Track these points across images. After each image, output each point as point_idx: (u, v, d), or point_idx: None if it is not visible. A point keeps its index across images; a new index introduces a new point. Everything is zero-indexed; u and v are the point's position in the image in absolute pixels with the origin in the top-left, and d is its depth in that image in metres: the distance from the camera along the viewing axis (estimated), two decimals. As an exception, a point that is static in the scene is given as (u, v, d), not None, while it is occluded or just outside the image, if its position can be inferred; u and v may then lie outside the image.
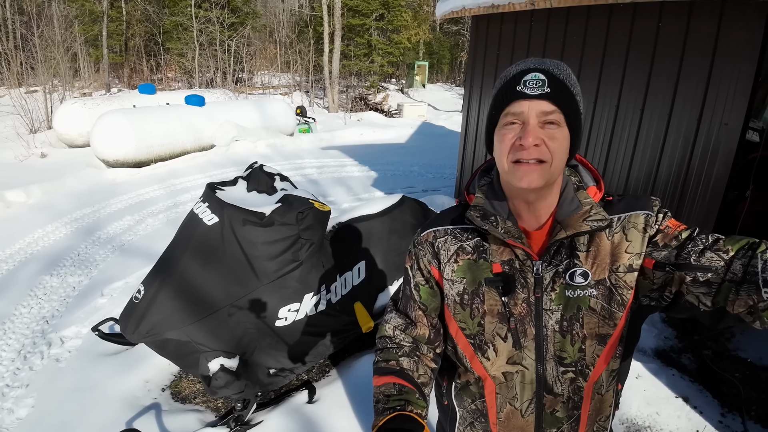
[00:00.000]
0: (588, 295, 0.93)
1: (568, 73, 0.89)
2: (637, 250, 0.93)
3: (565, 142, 0.88)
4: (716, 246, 0.85)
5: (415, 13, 23.34)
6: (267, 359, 2.40)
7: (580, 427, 1.01)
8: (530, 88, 0.85)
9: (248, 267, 2.31)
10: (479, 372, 1.02)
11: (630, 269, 0.93)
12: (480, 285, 0.97)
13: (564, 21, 4.20)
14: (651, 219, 0.93)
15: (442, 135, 12.86)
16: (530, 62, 0.89)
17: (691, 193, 3.36)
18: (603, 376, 0.98)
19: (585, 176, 1.01)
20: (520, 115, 0.86)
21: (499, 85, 0.91)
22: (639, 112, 3.60)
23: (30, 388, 2.89)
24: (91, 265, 4.47)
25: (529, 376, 0.97)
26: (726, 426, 2.67)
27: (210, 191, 2.45)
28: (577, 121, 0.90)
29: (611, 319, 0.94)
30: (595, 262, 0.93)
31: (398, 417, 0.90)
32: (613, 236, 0.93)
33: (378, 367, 1.04)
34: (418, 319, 1.07)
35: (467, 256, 0.99)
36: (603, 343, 0.95)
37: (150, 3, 20.79)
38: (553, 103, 0.85)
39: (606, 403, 1.03)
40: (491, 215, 0.96)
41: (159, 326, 2.31)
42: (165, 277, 2.35)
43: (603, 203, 0.97)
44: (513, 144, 0.87)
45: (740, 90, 2.96)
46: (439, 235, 1.03)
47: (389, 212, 3.10)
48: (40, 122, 10.38)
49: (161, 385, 2.84)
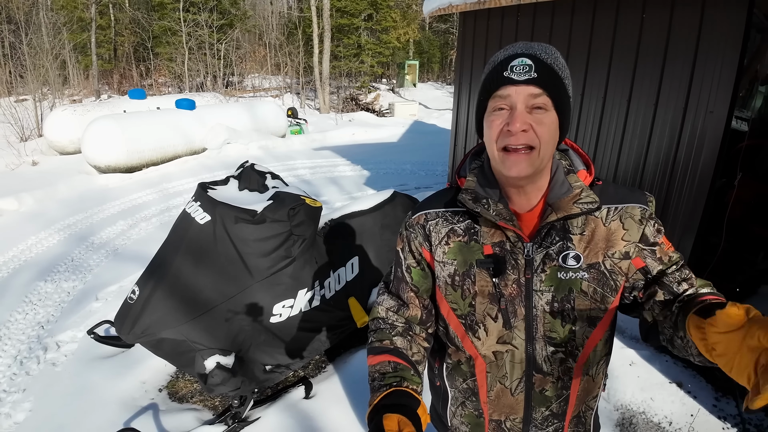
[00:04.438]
0: (580, 278, 0.94)
1: (555, 57, 0.89)
2: (633, 239, 0.95)
3: (554, 127, 0.89)
4: (690, 281, 0.94)
5: (404, 13, 23.38)
6: (263, 356, 2.41)
7: (569, 407, 1.03)
8: (517, 73, 0.86)
9: (241, 264, 2.33)
10: (470, 351, 1.03)
11: (626, 256, 0.95)
12: (471, 266, 0.99)
13: (550, 15, 4.24)
14: (646, 213, 0.96)
15: (434, 133, 12.90)
16: (518, 47, 0.89)
17: (679, 181, 3.40)
18: (592, 357, 1.00)
19: (575, 160, 1.02)
20: (507, 100, 0.86)
21: (487, 70, 0.92)
22: (626, 103, 3.64)
23: (27, 392, 2.89)
24: (85, 270, 4.46)
25: (518, 356, 0.99)
26: (720, 410, 2.71)
27: (201, 190, 2.46)
28: (566, 104, 0.90)
29: (603, 303, 0.96)
30: (588, 246, 0.95)
31: (395, 393, 0.91)
32: (610, 223, 0.95)
33: (372, 347, 1.05)
34: (410, 300, 1.08)
35: (458, 238, 1.00)
36: (593, 325, 0.97)
37: (138, 9, 20.69)
38: (540, 87, 0.86)
39: (595, 384, 1.05)
40: (483, 198, 0.97)
41: (154, 326, 2.31)
42: (159, 277, 2.35)
43: (593, 187, 0.98)
44: (501, 130, 0.87)
45: (725, 78, 3.00)
46: (431, 218, 1.03)
47: (381, 208, 3.12)
48: (31, 130, 10.32)
49: (158, 385, 2.84)
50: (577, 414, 1.06)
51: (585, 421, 1.09)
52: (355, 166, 8.67)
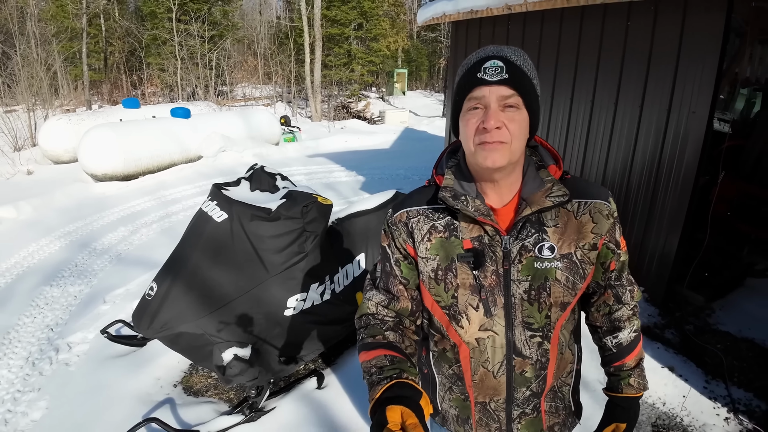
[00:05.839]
0: (554, 267, 1.01)
1: (525, 59, 0.96)
2: (601, 231, 1.04)
3: (525, 124, 0.95)
4: (633, 293, 1.17)
5: (393, 22, 23.71)
6: (277, 347, 2.52)
7: (546, 385, 1.10)
8: (490, 75, 0.91)
9: (257, 260, 2.44)
10: (454, 339, 1.09)
11: (593, 247, 1.05)
12: (453, 261, 1.04)
13: (539, 23, 4.44)
14: (611, 209, 1.06)
15: (425, 139, 13.11)
16: (489, 50, 0.95)
17: (665, 179, 3.58)
18: (561, 337, 1.08)
19: (545, 156, 1.08)
20: (481, 100, 0.93)
21: (461, 72, 0.97)
22: (613, 106, 3.83)
23: (42, 391, 2.95)
24: (90, 275, 4.52)
25: (499, 341, 1.04)
26: (711, 391, 2.87)
27: (217, 190, 2.58)
28: (535, 103, 0.97)
29: (573, 289, 1.04)
30: (561, 238, 1.02)
31: (396, 385, 0.92)
32: (580, 217, 1.03)
33: (365, 343, 1.08)
34: (400, 293, 1.13)
35: (439, 234, 1.05)
36: (563, 309, 1.04)
37: (128, 19, 20.74)
38: (512, 87, 0.92)
39: (567, 360, 1.13)
40: (461, 195, 1.02)
41: (173, 321, 2.42)
42: (177, 273, 2.46)
43: (563, 180, 1.06)
44: (477, 127, 0.93)
45: (706, 80, 3.20)
46: (412, 216, 1.08)
47: (384, 207, 3.26)
48: (24, 140, 10.32)
49: (173, 381, 2.93)
50: (552, 389, 1.13)
51: (562, 396, 1.17)
52: (350, 172, 8.81)
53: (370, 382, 0.98)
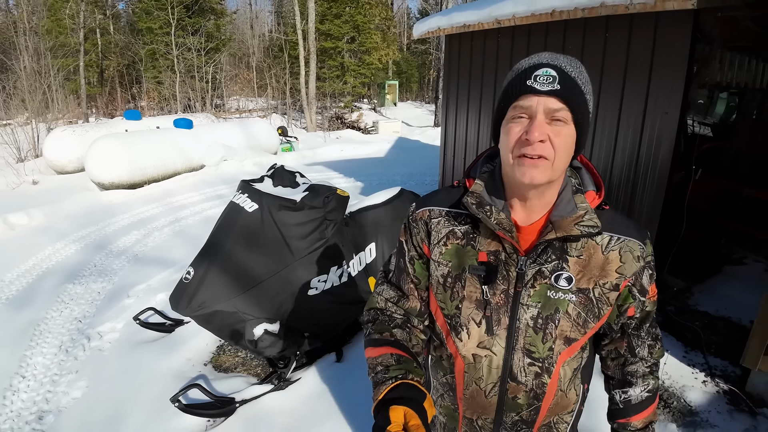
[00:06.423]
0: (567, 300, 0.96)
1: (580, 71, 0.89)
2: (627, 273, 0.97)
3: (570, 141, 0.89)
4: (652, 349, 1.09)
5: (384, 35, 24.29)
6: (302, 323, 2.82)
7: (539, 417, 1.05)
8: (540, 84, 0.85)
9: (284, 245, 2.76)
10: (451, 349, 1.06)
11: (615, 288, 0.97)
12: (464, 271, 1.00)
13: (526, 36, 4.84)
14: (644, 252, 0.98)
15: (418, 148, 13.54)
16: (543, 57, 0.89)
17: (642, 175, 3.96)
18: (564, 374, 1.02)
19: (586, 180, 1.01)
20: (528, 109, 0.87)
21: (511, 77, 0.92)
22: (594, 110, 4.22)
23: (79, 373, 3.20)
24: (110, 273, 4.78)
25: (496, 362, 1.01)
26: (689, 360, 3.22)
27: (246, 185, 2.90)
28: (585, 120, 0.89)
29: (583, 327, 0.98)
30: (582, 271, 0.95)
31: (401, 386, 0.91)
32: (609, 253, 0.96)
33: (371, 339, 1.06)
34: (410, 291, 1.10)
35: (457, 240, 1.01)
36: (568, 344, 0.99)
37: (124, 33, 21.07)
38: (562, 100, 0.85)
39: (570, 400, 1.07)
40: (487, 204, 0.97)
41: (209, 300, 2.71)
42: (213, 258, 2.77)
43: (599, 210, 0.98)
44: (519, 138, 0.87)
45: (676, 83, 3.59)
46: (434, 216, 1.05)
47: (391, 202, 3.60)
48: (26, 151, 10.53)
49: (202, 360, 3.21)
50: (547, 423, 1.08)
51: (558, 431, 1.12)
52: (348, 178, 9.16)
53: (375, 381, 0.97)
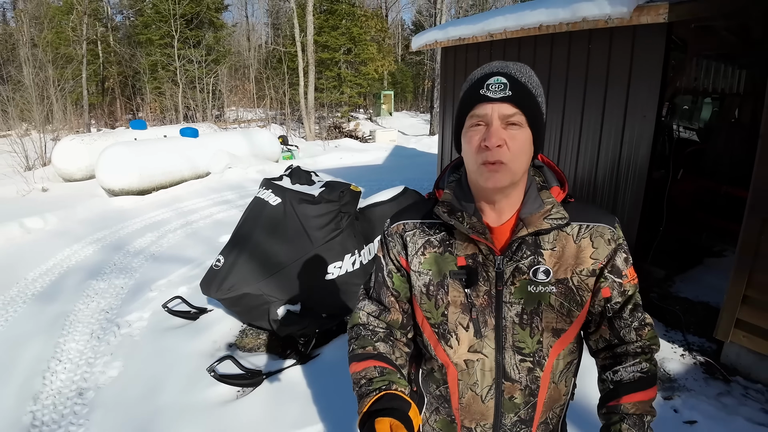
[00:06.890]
0: (548, 292, 0.98)
1: (530, 76, 0.93)
2: (600, 257, 1.00)
3: (527, 143, 0.92)
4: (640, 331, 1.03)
5: (379, 46, 24.85)
6: (320, 305, 3.16)
7: (536, 413, 1.06)
8: (493, 92, 0.89)
9: (305, 235, 3.11)
10: (442, 359, 1.06)
11: (592, 273, 1.00)
12: (445, 277, 1.02)
13: (517, 48, 5.25)
14: (614, 234, 1.01)
15: (415, 155, 13.96)
16: (494, 66, 0.93)
17: (624, 174, 4.34)
18: (555, 366, 1.03)
19: (549, 177, 1.05)
20: (484, 117, 0.90)
21: (465, 88, 0.96)
22: (580, 115, 4.62)
23: (114, 355, 3.48)
24: (131, 271, 5.09)
25: (488, 364, 1.02)
26: (670, 338, 3.57)
27: (269, 182, 3.25)
28: (539, 121, 0.93)
29: (569, 316, 1.00)
30: (558, 262, 0.98)
31: (385, 397, 0.92)
32: (580, 241, 0.99)
33: (355, 354, 1.07)
34: (391, 304, 1.11)
35: (434, 249, 1.03)
36: (557, 336, 1.01)
37: (125, 45, 21.49)
38: (515, 105, 0.89)
39: (560, 392, 1.08)
40: (458, 211, 1.00)
41: (238, 283, 3.05)
42: (241, 246, 3.11)
43: (565, 203, 1.02)
44: (479, 146, 0.90)
45: (653, 89, 3.97)
46: (408, 228, 1.07)
47: (396, 199, 3.96)
48: (33, 160, 10.83)
49: (227, 342, 3.52)
50: (544, 420, 1.09)
51: (552, 428, 1.12)
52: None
53: (360, 394, 0.98)
